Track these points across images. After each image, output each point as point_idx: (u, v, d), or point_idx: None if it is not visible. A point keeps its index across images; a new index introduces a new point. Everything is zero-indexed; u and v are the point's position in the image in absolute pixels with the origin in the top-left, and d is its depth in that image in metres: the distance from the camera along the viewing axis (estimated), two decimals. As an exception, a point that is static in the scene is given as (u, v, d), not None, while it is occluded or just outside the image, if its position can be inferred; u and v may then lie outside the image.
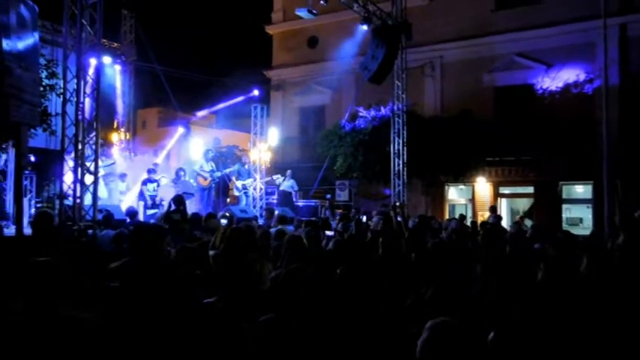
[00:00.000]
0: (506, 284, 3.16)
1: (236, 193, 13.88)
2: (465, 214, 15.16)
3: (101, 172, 12.08)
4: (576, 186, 16.73)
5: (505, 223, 14.57)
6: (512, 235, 7.34)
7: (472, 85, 17.14)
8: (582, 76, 15.71)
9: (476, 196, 17.48)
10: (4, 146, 8.77)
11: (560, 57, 16.08)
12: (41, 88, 8.55)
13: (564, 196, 16.47)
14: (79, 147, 7.53)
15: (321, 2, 11.43)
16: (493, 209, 14.71)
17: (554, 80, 16.08)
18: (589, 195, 15.93)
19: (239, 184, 14.06)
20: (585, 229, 15.13)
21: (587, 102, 15.50)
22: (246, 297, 3.23)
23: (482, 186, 17.23)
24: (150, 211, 11.82)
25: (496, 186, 17.16)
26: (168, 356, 2.84)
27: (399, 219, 5.27)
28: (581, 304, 3.02)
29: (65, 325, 2.45)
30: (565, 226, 15.14)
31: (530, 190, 16.73)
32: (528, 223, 12.90)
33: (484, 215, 14.90)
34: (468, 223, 12.22)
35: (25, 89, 6.31)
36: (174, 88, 18.65)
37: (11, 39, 6.13)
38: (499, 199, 17.19)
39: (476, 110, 15.87)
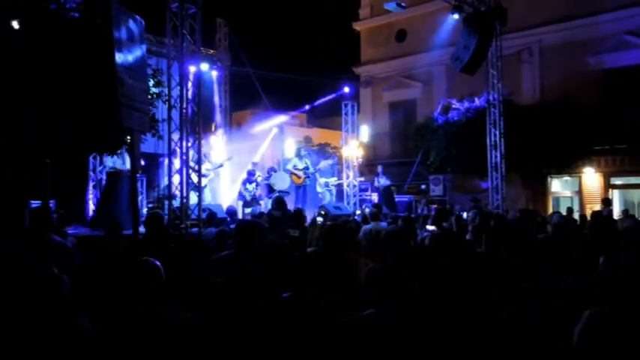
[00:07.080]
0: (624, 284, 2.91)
1: (319, 190, 14.07)
2: (571, 207, 14.18)
3: (211, 174, 12.79)
4: (700, 175, 15.05)
5: (618, 216, 13.45)
6: (627, 228, 6.76)
7: (575, 69, 15.98)
8: None
9: (583, 188, 16.29)
10: (118, 152, 9.55)
11: (680, 32, 14.54)
12: (149, 97, 9.20)
13: (686, 186, 14.89)
14: (184, 150, 8.03)
15: (410, -6, 11.22)
16: (607, 202, 13.68)
17: (672, 58, 14.56)
18: None
19: (322, 181, 14.25)
20: None
21: None
22: (347, 294, 3.26)
23: (591, 177, 16.01)
24: (247, 210, 12.34)
25: (607, 176, 15.87)
26: (265, 347, 2.93)
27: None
28: None
29: (164, 323, 2.56)
30: (689, 220, 13.65)
31: (646, 180, 15.31)
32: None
33: (593, 208, 13.86)
34: (576, 217, 11.46)
35: (135, 98, 6.84)
36: (265, 89, 19.22)
37: (122, 52, 6.66)
38: (610, 190, 15.87)
39: (580, 96, 14.78)
